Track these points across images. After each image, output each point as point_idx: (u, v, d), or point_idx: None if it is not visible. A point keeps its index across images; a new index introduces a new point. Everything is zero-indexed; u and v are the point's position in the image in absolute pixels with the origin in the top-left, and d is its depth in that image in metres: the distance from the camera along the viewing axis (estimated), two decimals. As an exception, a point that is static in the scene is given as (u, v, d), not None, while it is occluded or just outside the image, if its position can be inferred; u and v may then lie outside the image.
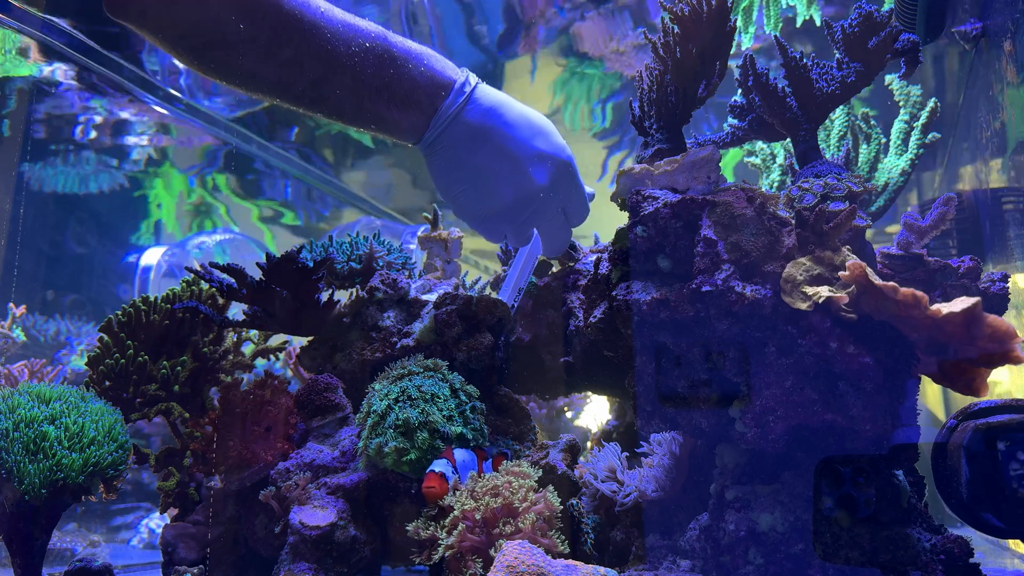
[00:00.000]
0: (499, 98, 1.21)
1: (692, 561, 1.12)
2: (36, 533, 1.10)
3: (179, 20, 1.06)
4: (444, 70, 1.18)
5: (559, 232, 1.28)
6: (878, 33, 1.18)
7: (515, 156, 1.17)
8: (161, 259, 3.70)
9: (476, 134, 1.17)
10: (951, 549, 0.99)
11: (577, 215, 1.28)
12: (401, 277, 1.42)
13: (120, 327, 1.32)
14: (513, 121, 1.19)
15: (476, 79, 1.20)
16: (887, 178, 1.69)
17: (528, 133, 1.19)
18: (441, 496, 1.06)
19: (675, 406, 1.07)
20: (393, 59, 1.14)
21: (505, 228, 1.24)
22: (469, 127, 1.17)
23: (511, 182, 1.18)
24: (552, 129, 1.23)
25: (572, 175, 1.23)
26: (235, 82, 1.14)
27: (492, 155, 1.17)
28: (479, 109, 1.17)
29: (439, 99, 1.16)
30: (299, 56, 1.09)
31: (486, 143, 1.17)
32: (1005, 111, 1.52)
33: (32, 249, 3.26)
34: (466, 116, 1.17)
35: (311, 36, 1.09)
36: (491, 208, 1.20)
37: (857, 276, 0.94)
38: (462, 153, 1.18)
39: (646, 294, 1.07)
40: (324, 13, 1.10)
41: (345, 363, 1.36)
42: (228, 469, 1.22)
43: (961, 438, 0.98)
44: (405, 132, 1.19)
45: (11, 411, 1.08)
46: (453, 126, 1.17)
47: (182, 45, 1.09)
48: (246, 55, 1.08)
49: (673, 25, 1.18)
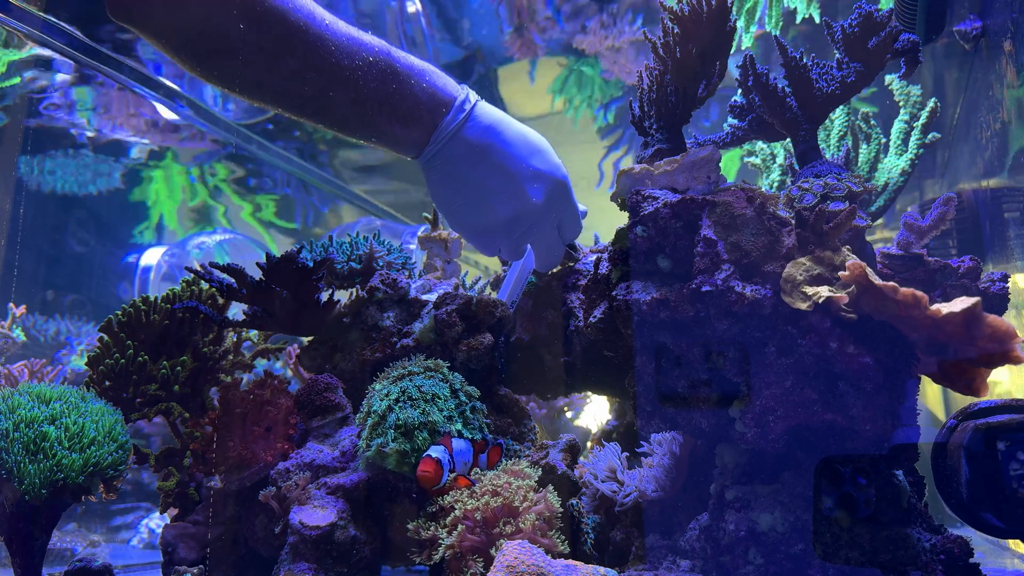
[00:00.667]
0: (498, 116, 1.23)
1: (692, 561, 1.12)
2: (36, 533, 1.10)
3: (184, 26, 1.06)
4: (445, 87, 1.19)
5: (552, 247, 1.31)
6: (878, 33, 1.18)
7: (512, 174, 1.20)
8: (161, 259, 3.70)
9: (475, 151, 1.19)
10: (951, 549, 0.99)
11: (570, 232, 1.32)
12: (401, 277, 1.42)
13: (120, 327, 1.32)
14: (511, 139, 1.21)
15: (476, 97, 1.22)
16: (887, 178, 1.69)
17: (525, 152, 1.22)
18: (436, 481, 1.06)
19: (675, 406, 1.07)
20: (396, 74, 1.15)
21: (500, 242, 1.26)
22: (468, 144, 1.19)
23: (508, 199, 1.20)
24: (548, 148, 1.26)
25: (567, 194, 1.26)
26: (238, 90, 1.14)
27: (490, 172, 1.19)
28: (479, 127, 1.19)
29: (440, 115, 1.18)
30: (303, 67, 1.09)
31: (485, 160, 1.19)
32: (1005, 111, 1.52)
33: (32, 249, 3.26)
34: (466, 133, 1.18)
35: (315, 48, 1.09)
36: (487, 223, 1.22)
37: (857, 276, 0.94)
38: (461, 169, 1.19)
39: (646, 294, 1.07)
40: (329, 26, 1.11)
41: (345, 363, 1.36)
42: (228, 469, 1.22)
43: (961, 438, 0.98)
44: (406, 146, 1.21)
45: (11, 411, 1.07)
46: (453, 142, 1.18)
47: (186, 51, 1.09)
48: (250, 64, 1.09)
49: (673, 25, 1.18)
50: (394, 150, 1.22)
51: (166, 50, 1.10)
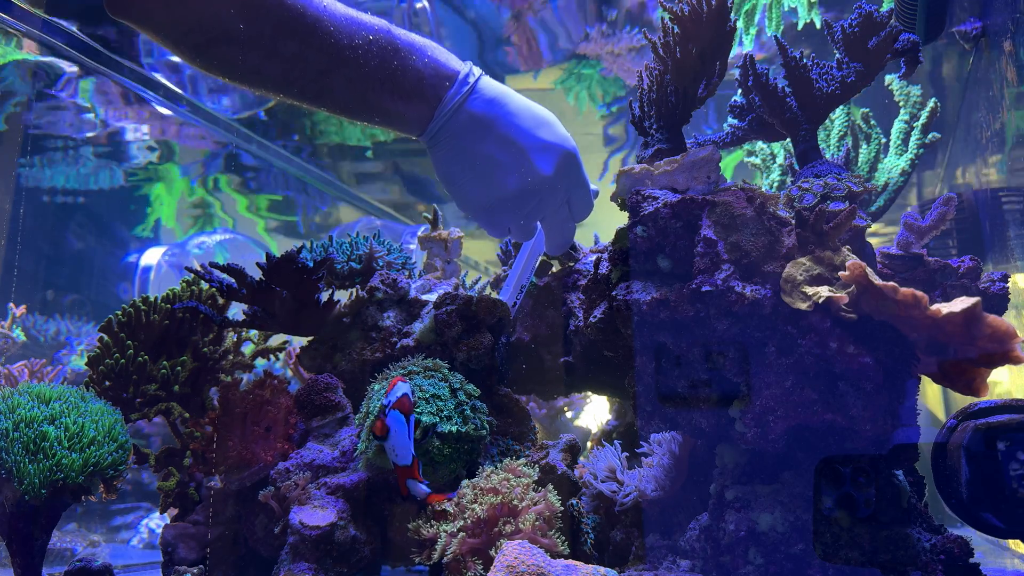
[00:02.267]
0: (503, 89, 1.20)
1: (692, 561, 1.12)
2: (36, 533, 1.10)
3: (181, 18, 1.06)
4: (448, 61, 1.18)
5: (563, 227, 1.27)
6: (878, 33, 1.18)
7: (520, 145, 1.17)
8: (161, 259, 3.71)
9: (480, 124, 1.17)
10: (951, 549, 0.99)
11: (582, 209, 1.26)
12: (401, 277, 1.42)
13: (120, 327, 1.32)
14: (517, 111, 1.19)
15: (479, 71, 1.20)
16: (887, 178, 1.69)
17: (532, 123, 1.19)
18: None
19: (675, 406, 1.07)
20: (397, 51, 1.14)
21: (509, 220, 1.23)
22: (473, 116, 1.17)
23: (515, 171, 1.17)
24: (556, 121, 1.23)
25: (577, 166, 1.22)
26: (238, 78, 1.14)
27: (496, 144, 1.17)
28: (483, 99, 1.17)
29: (443, 89, 1.16)
30: (303, 50, 1.09)
31: (490, 132, 1.17)
32: (1005, 111, 1.52)
33: (32, 249, 3.26)
34: (470, 106, 1.17)
35: (314, 30, 1.09)
36: (495, 198, 1.19)
37: (857, 276, 0.94)
38: (466, 143, 1.17)
39: (646, 294, 1.07)
40: (327, 7, 1.11)
41: (345, 363, 1.36)
42: (228, 469, 1.22)
43: (961, 438, 0.98)
44: (409, 124, 1.19)
45: (11, 411, 1.07)
46: (457, 116, 1.16)
47: (184, 43, 1.09)
48: (249, 51, 1.09)
49: (673, 25, 1.18)
50: (398, 129, 1.20)
51: (165, 43, 1.10)
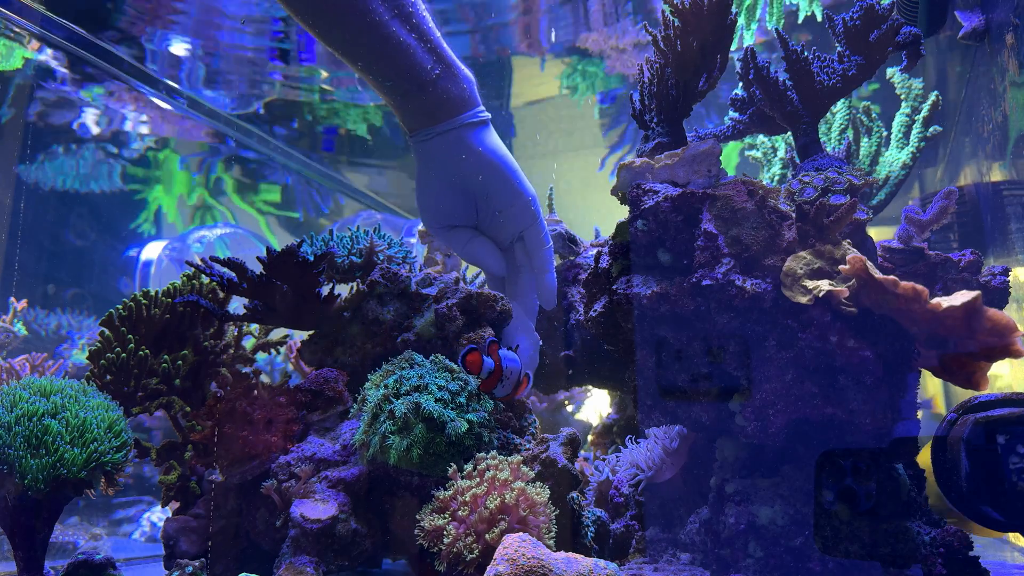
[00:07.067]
0: (499, 140, 1.36)
1: (692, 554, 1.12)
2: (38, 526, 1.10)
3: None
4: (473, 93, 1.32)
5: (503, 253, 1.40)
6: (879, 26, 1.17)
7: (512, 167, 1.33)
8: (162, 253, 3.70)
9: (478, 149, 1.31)
10: (951, 542, 1.00)
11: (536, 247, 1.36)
12: (402, 271, 1.41)
13: (121, 321, 1.32)
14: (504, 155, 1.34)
15: (488, 117, 1.34)
16: (888, 171, 1.68)
17: (516, 166, 1.36)
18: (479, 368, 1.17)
19: (675, 399, 1.07)
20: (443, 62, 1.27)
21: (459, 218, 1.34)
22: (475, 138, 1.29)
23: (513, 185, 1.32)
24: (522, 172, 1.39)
25: (536, 209, 1.36)
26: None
27: (490, 163, 1.31)
28: (486, 132, 1.33)
29: (463, 110, 1.29)
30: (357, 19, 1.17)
31: (486, 157, 1.31)
32: (1007, 104, 1.52)
33: (33, 243, 3.26)
34: (474, 131, 1.30)
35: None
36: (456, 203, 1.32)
37: (857, 270, 0.94)
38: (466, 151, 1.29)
39: (646, 288, 1.07)
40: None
41: (346, 357, 1.36)
42: (229, 463, 1.23)
43: (961, 432, 0.99)
44: (417, 116, 1.28)
45: (13, 405, 1.08)
46: (461, 132, 1.28)
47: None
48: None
49: (674, 18, 1.18)
50: (399, 111, 1.30)
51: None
